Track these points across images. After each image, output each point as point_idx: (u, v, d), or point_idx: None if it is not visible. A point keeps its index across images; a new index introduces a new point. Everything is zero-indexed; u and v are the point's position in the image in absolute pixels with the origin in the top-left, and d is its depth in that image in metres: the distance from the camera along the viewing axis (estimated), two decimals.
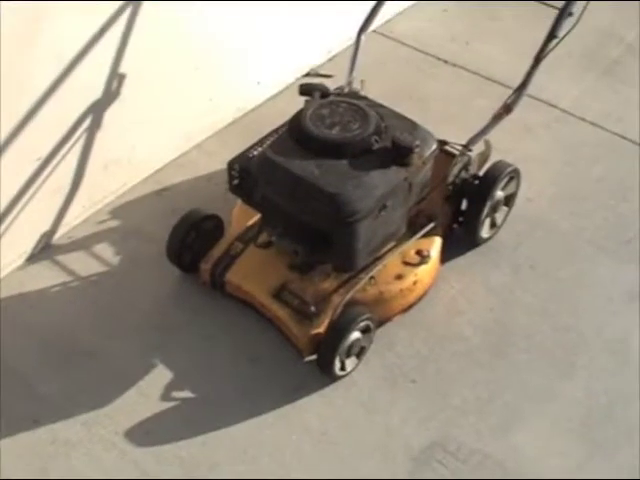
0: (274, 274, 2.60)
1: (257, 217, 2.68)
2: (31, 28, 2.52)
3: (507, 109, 2.67)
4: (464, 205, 2.81)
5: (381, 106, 2.58)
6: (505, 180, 2.80)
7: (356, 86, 2.98)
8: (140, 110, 2.94)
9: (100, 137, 2.88)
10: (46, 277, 2.80)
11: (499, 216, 2.90)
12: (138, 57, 2.83)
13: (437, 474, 2.34)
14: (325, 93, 2.59)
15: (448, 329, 2.68)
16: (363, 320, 2.47)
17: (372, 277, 2.57)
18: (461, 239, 2.87)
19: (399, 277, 2.60)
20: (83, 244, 2.90)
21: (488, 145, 2.82)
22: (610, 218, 3.02)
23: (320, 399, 2.50)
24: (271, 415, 2.46)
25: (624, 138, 3.31)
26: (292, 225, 2.45)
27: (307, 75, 3.55)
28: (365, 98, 2.65)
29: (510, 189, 2.88)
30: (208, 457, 2.37)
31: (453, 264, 2.84)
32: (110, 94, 2.84)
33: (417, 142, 2.38)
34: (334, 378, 2.51)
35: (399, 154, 2.37)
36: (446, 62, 3.66)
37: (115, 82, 2.84)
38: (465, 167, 2.73)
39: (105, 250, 2.88)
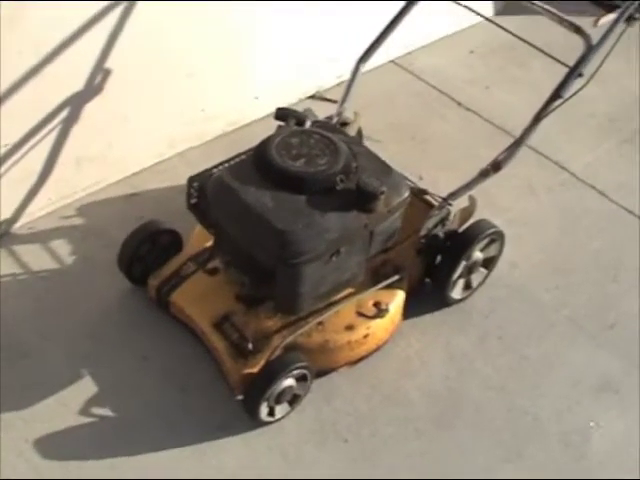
0: (220, 302, 2.46)
1: None
2: (13, 11, 2.43)
3: (496, 167, 2.50)
4: (438, 261, 2.64)
5: (358, 144, 2.43)
6: (485, 241, 2.63)
7: (349, 116, 2.87)
8: (121, 109, 2.85)
9: (75, 131, 2.78)
10: None
11: (475, 278, 2.73)
12: (126, 55, 2.74)
13: None
14: (301, 121, 2.45)
15: (395, 390, 2.51)
16: (298, 368, 2.31)
17: (321, 323, 2.42)
18: (432, 295, 2.70)
19: (349, 328, 2.44)
20: (42, 237, 2.81)
21: (473, 201, 2.65)
22: (596, 298, 2.82)
23: (242, 442, 2.35)
24: (188, 449, 2.33)
25: (631, 213, 3.11)
26: (241, 254, 2.31)
27: (312, 97, 3.43)
28: (343, 133, 2.49)
29: (491, 252, 2.70)
30: None
31: (417, 321, 2.68)
32: (91, 88, 2.75)
33: (383, 188, 2.21)
34: (260, 423, 2.36)
35: (362, 198, 2.21)
36: (460, 104, 3.50)
37: (98, 77, 2.75)
38: (442, 221, 2.56)
39: (62, 247, 2.78)
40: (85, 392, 2.42)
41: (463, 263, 2.61)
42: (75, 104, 2.74)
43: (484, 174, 2.52)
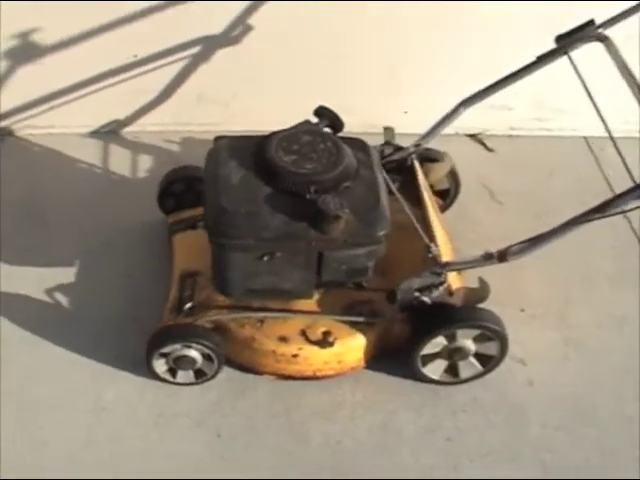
0: (200, 260, 2.46)
1: None
2: None
3: (501, 257, 2.18)
4: None
5: (373, 171, 2.26)
6: (473, 331, 2.33)
7: (440, 154, 2.72)
8: (251, 66, 2.96)
9: (203, 69, 2.96)
10: (81, 154, 3.04)
11: (465, 368, 2.43)
12: (275, 17, 2.82)
13: None
14: (335, 125, 2.36)
15: (302, 424, 2.35)
16: (200, 344, 2.29)
17: (261, 321, 2.36)
18: None
19: (283, 339, 2.34)
20: (135, 148, 3.07)
21: (484, 286, 2.33)
22: (593, 462, 2.33)
23: (135, 385, 2.39)
24: (89, 369, 2.43)
25: None
26: None
27: (471, 136, 3.23)
28: (369, 154, 2.31)
29: (487, 349, 2.38)
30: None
31: (381, 377, 2.47)
32: (228, 37, 2.88)
33: (341, 213, 2.06)
34: (153, 374, 2.39)
35: (315, 215, 2.10)
36: None
37: (238, 29, 2.87)
38: (430, 287, 2.31)
39: (143, 163, 3.02)
40: (63, 277, 2.64)
41: (441, 341, 2.35)
42: (208, 45, 2.90)
43: (486, 258, 2.21)
